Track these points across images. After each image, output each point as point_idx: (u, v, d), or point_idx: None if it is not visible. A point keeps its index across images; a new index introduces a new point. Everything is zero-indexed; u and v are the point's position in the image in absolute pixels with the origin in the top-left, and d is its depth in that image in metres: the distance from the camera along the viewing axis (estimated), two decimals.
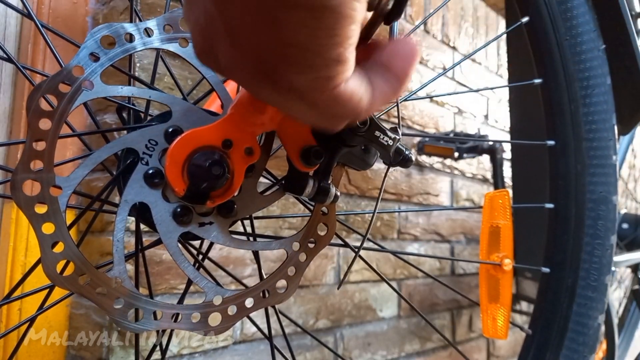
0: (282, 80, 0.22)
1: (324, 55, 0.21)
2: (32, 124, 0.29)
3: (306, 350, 0.90)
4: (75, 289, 0.30)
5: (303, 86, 0.23)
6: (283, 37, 0.20)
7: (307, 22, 0.20)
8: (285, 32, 0.20)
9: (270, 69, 0.22)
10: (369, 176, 1.04)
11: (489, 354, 1.38)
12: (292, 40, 0.20)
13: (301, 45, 0.21)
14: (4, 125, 0.69)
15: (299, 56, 0.21)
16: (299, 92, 0.23)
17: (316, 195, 0.34)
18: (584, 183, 0.60)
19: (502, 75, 1.54)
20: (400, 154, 0.37)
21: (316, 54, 0.21)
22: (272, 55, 0.21)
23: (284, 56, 0.21)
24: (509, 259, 0.55)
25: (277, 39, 0.20)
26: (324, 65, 0.22)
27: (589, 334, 0.59)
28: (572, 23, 0.59)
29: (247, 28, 0.21)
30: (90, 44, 0.30)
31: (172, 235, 0.31)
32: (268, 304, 0.35)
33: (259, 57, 0.22)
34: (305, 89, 0.23)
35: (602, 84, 0.59)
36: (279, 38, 0.20)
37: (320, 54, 0.21)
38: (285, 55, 0.21)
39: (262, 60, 0.22)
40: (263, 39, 0.21)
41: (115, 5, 0.72)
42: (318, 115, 0.25)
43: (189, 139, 0.30)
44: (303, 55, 0.21)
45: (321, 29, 0.20)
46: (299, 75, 0.22)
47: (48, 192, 0.29)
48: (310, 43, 0.20)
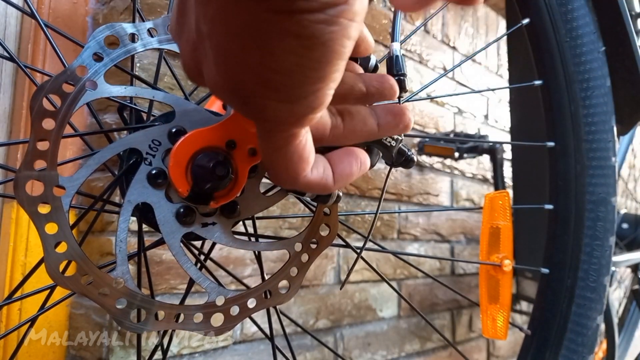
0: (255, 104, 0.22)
1: (305, 87, 0.21)
2: (35, 123, 0.29)
3: (306, 350, 0.90)
4: (77, 289, 0.30)
5: (273, 116, 0.22)
6: (269, 63, 0.20)
7: (296, 51, 0.20)
8: (272, 57, 0.20)
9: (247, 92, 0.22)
10: (369, 176, 1.04)
11: (488, 354, 1.38)
12: (277, 66, 0.20)
13: (285, 73, 0.20)
14: (4, 125, 0.69)
15: (279, 83, 0.21)
16: (267, 121, 0.23)
17: (318, 196, 0.34)
18: (584, 184, 0.60)
19: (502, 76, 1.54)
20: (402, 155, 0.37)
21: (297, 84, 0.21)
22: (253, 78, 0.21)
23: (264, 81, 0.21)
24: (509, 259, 0.55)
25: (262, 64, 0.20)
26: (302, 97, 0.21)
27: (588, 335, 0.59)
28: (572, 25, 0.59)
29: (234, 50, 0.20)
30: (93, 44, 0.30)
31: (175, 235, 0.31)
32: (270, 304, 0.35)
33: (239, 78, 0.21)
34: (274, 119, 0.23)
35: (601, 86, 0.60)
36: (264, 63, 0.20)
37: (302, 85, 0.21)
38: (266, 81, 0.21)
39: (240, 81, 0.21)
40: (248, 62, 0.20)
41: (115, 5, 0.72)
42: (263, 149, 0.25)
43: (192, 140, 0.30)
44: (284, 83, 0.21)
45: (309, 60, 0.20)
46: (274, 103, 0.22)
47: (51, 192, 0.29)
48: (295, 72, 0.20)
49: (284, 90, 0.21)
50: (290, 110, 0.22)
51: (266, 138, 0.24)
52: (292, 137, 0.24)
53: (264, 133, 0.24)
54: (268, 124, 0.23)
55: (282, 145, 0.24)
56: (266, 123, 0.23)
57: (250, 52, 0.20)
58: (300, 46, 0.19)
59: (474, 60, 1.44)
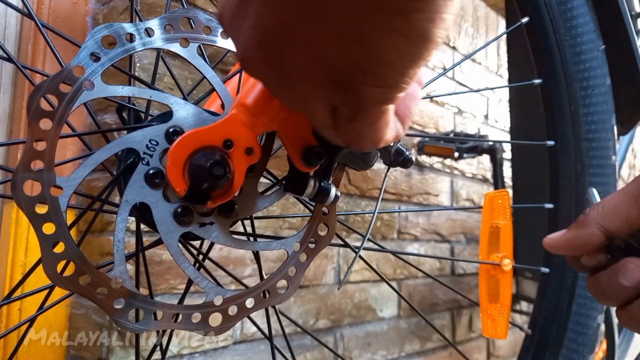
0: (352, 88, 0.23)
1: (403, 75, 0.22)
2: (32, 124, 0.29)
3: (306, 350, 0.90)
4: (75, 289, 0.30)
5: (370, 98, 0.24)
6: (371, 56, 0.21)
7: (400, 47, 0.21)
8: (375, 52, 0.21)
9: (343, 78, 0.23)
10: (369, 176, 1.04)
11: (489, 354, 1.38)
12: (379, 59, 0.21)
13: (386, 64, 0.21)
14: (4, 125, 0.69)
15: (379, 72, 0.22)
16: (362, 101, 0.24)
17: (317, 196, 0.34)
18: (584, 183, 0.60)
19: (502, 75, 1.54)
20: (400, 155, 0.37)
21: (397, 73, 0.22)
22: (352, 67, 0.22)
23: (364, 70, 0.22)
24: (509, 259, 0.55)
25: (364, 56, 0.21)
26: (399, 82, 0.23)
27: (588, 334, 0.59)
28: (572, 23, 0.59)
29: (331, 42, 0.21)
30: (90, 44, 0.30)
31: (173, 235, 0.31)
32: (269, 304, 0.35)
33: (335, 67, 0.22)
34: (368, 100, 0.24)
35: (601, 84, 0.59)
36: (366, 55, 0.21)
37: (400, 74, 0.22)
38: (365, 70, 0.22)
39: (337, 69, 0.22)
40: (348, 53, 0.21)
41: (115, 5, 0.72)
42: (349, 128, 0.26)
43: (189, 139, 0.30)
44: (383, 72, 0.22)
45: (411, 53, 0.21)
46: (371, 88, 0.23)
47: (49, 192, 0.29)
48: (396, 63, 0.22)
49: (383, 77, 0.22)
50: (387, 93, 0.23)
51: (358, 116, 0.25)
52: (382, 112, 0.25)
53: (357, 112, 0.25)
54: (362, 103, 0.24)
55: (374, 120, 0.25)
56: (361, 103, 0.24)
57: (351, 45, 0.21)
58: (406, 43, 0.20)
59: (474, 60, 1.44)
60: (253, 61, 0.24)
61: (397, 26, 0.20)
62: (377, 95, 0.24)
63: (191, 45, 0.34)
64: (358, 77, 0.22)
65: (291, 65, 0.23)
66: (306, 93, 0.24)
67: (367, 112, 0.25)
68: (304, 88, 0.24)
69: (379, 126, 0.26)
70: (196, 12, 0.34)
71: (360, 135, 0.26)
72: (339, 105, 0.25)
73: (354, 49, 0.21)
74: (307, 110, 0.26)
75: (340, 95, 0.24)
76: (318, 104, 0.25)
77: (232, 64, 0.77)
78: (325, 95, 0.24)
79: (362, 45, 0.21)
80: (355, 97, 0.24)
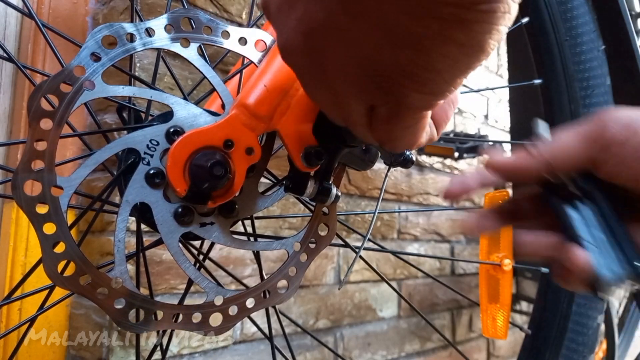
0: (396, 92, 0.23)
1: (450, 84, 0.22)
2: (33, 124, 0.29)
3: (306, 350, 0.90)
4: (76, 289, 0.30)
5: (412, 103, 0.23)
6: (421, 62, 0.21)
7: (454, 56, 0.20)
8: (426, 59, 0.20)
9: (388, 81, 0.22)
10: (369, 176, 1.04)
11: (489, 354, 1.38)
12: (430, 67, 0.21)
13: (436, 72, 0.21)
14: (4, 125, 0.69)
15: (427, 79, 0.22)
16: (404, 106, 0.24)
17: (317, 196, 0.34)
18: None
19: (502, 75, 1.54)
20: (400, 155, 0.37)
21: (445, 81, 0.22)
22: (399, 72, 0.21)
23: (411, 75, 0.21)
24: (509, 259, 0.54)
25: (414, 62, 0.21)
26: (445, 91, 0.22)
27: (588, 334, 0.59)
28: (572, 24, 0.59)
29: (381, 45, 0.21)
30: (91, 43, 0.30)
31: (174, 235, 0.31)
32: (269, 304, 0.35)
33: (382, 70, 0.22)
34: (409, 106, 0.24)
35: (601, 84, 0.59)
36: (416, 62, 0.21)
37: (448, 83, 0.22)
38: (413, 76, 0.21)
39: (382, 73, 0.22)
40: (397, 58, 0.21)
41: (115, 5, 0.72)
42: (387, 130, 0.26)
43: (190, 139, 0.30)
44: (432, 79, 0.22)
45: (463, 63, 0.21)
46: (415, 94, 0.23)
47: (49, 192, 0.29)
48: (445, 72, 0.21)
49: (429, 85, 0.22)
50: (430, 99, 0.23)
51: (396, 119, 0.25)
52: (422, 117, 0.25)
53: (396, 115, 0.25)
54: (403, 107, 0.24)
55: (412, 124, 0.25)
56: (402, 107, 0.24)
57: (402, 50, 0.20)
58: (461, 52, 0.20)
59: None
60: (294, 52, 0.24)
61: (455, 35, 0.19)
62: (420, 101, 0.23)
63: (191, 45, 0.34)
64: (404, 82, 0.22)
65: (334, 62, 0.23)
66: (345, 91, 0.24)
67: (407, 116, 0.25)
68: (344, 86, 0.24)
69: (416, 130, 0.26)
70: (197, 12, 0.34)
71: (396, 137, 0.26)
72: (377, 105, 0.25)
73: (404, 54, 0.20)
74: (342, 107, 0.26)
75: (381, 98, 0.24)
76: (355, 102, 0.25)
77: (232, 64, 0.77)
78: (365, 95, 0.24)
79: (414, 51, 0.20)
80: (396, 101, 0.23)
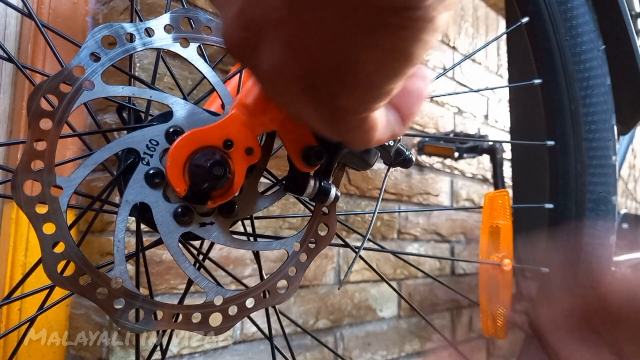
0: (328, 96, 0.23)
1: (380, 89, 0.22)
2: (32, 124, 0.29)
3: (306, 350, 0.90)
4: (76, 289, 0.30)
5: (343, 106, 0.23)
6: (350, 66, 0.21)
7: (380, 61, 0.20)
8: (354, 63, 0.20)
9: (320, 84, 0.22)
10: (369, 176, 1.04)
11: (488, 354, 1.38)
12: (358, 71, 0.21)
13: (364, 77, 0.21)
14: (4, 125, 0.69)
15: (356, 84, 0.22)
16: (340, 109, 0.24)
17: (317, 196, 0.34)
18: (584, 183, 0.60)
19: (502, 75, 1.54)
20: (400, 155, 0.37)
21: (374, 86, 0.22)
22: (329, 74, 0.21)
23: (342, 79, 0.22)
24: (509, 259, 0.55)
25: (343, 66, 0.21)
26: (375, 96, 0.22)
27: None
28: (572, 23, 0.59)
29: (314, 46, 0.21)
30: (91, 43, 0.30)
31: (173, 235, 0.31)
32: (269, 304, 0.35)
33: (314, 72, 0.22)
34: (344, 109, 0.24)
35: (601, 84, 0.59)
36: (345, 65, 0.21)
37: (377, 87, 0.22)
38: (344, 79, 0.22)
39: (315, 74, 0.22)
40: (327, 59, 0.21)
41: (115, 5, 0.72)
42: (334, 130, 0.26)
43: (190, 139, 0.30)
44: (361, 84, 0.22)
45: (392, 68, 0.21)
46: (347, 98, 0.23)
47: (49, 192, 0.29)
48: (374, 77, 0.21)
49: (360, 89, 0.22)
50: (360, 104, 0.23)
51: (338, 122, 0.25)
52: (364, 119, 0.25)
53: (332, 118, 0.25)
54: (341, 111, 0.24)
55: (356, 125, 0.25)
56: (338, 110, 0.24)
57: (330, 53, 0.20)
58: (385, 59, 0.20)
59: (474, 60, 1.44)
60: (233, 43, 0.24)
61: (379, 41, 0.19)
62: (353, 104, 0.23)
63: (191, 45, 0.34)
64: (335, 86, 0.22)
65: (270, 58, 0.22)
66: (284, 89, 0.24)
67: (345, 119, 0.24)
68: (282, 83, 0.24)
69: (364, 130, 0.26)
70: (197, 12, 0.34)
71: (347, 138, 0.26)
72: (317, 107, 0.25)
73: (333, 58, 0.20)
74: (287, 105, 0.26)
75: (317, 100, 0.24)
76: (296, 100, 0.25)
77: (232, 64, 0.77)
78: (302, 96, 0.24)
79: (341, 54, 0.20)
80: (331, 103, 0.23)
